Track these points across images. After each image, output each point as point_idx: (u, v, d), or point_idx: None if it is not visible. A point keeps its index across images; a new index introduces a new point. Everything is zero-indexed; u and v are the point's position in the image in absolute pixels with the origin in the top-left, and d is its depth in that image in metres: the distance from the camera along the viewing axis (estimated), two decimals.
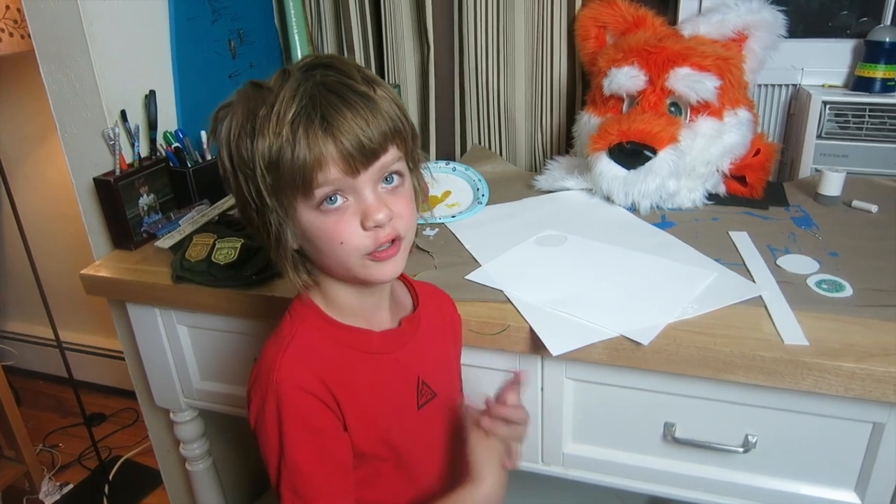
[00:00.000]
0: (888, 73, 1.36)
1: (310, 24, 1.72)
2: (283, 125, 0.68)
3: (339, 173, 0.70)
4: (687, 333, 0.89)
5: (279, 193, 0.72)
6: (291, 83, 0.70)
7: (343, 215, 0.72)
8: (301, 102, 0.69)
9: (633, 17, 1.41)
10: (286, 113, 0.68)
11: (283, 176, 0.70)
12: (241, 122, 0.71)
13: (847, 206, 1.27)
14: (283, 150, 0.68)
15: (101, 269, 1.23)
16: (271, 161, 0.69)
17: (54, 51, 1.27)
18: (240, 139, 0.71)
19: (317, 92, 0.69)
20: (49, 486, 2.20)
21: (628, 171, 1.24)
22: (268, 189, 0.71)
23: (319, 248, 0.75)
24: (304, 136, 0.68)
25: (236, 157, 0.72)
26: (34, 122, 2.34)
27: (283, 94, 0.69)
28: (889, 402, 0.84)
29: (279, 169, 0.69)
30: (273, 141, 0.69)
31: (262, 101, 0.70)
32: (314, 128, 0.68)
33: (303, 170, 0.69)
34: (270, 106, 0.69)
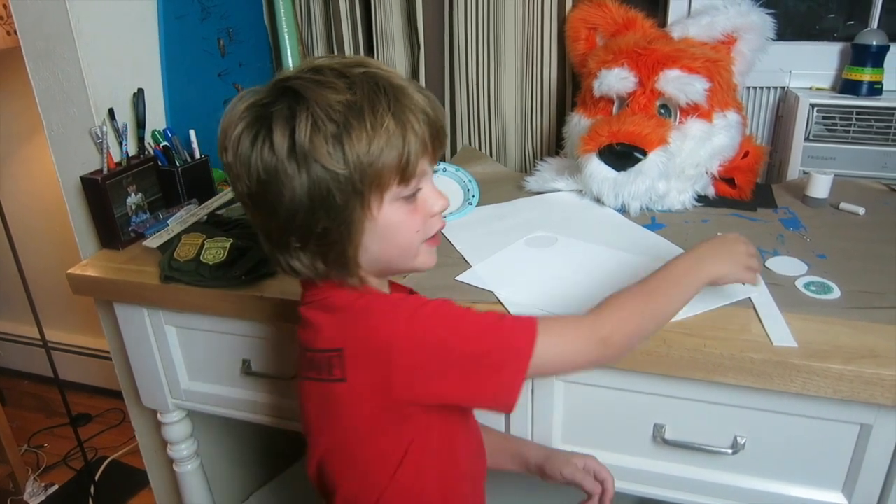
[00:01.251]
0: (875, 77, 1.37)
1: (300, 22, 1.72)
2: (385, 119, 0.69)
3: (426, 162, 0.74)
4: (677, 335, 0.89)
5: (374, 187, 0.71)
6: (363, 81, 0.70)
7: (416, 204, 0.76)
8: (389, 96, 0.70)
9: (623, 18, 1.41)
10: (383, 106, 0.69)
11: (387, 168, 0.70)
12: (317, 118, 0.68)
13: (835, 208, 1.28)
14: (392, 142, 0.69)
15: (88, 269, 1.22)
16: (374, 154, 0.69)
17: (41, 47, 1.26)
18: (316, 135, 0.68)
19: (396, 83, 0.72)
20: (34, 487, 2.18)
21: (618, 173, 1.24)
22: (354, 189, 0.70)
23: (393, 239, 0.75)
24: (401, 131, 0.70)
25: (311, 155, 0.68)
26: (20, 119, 2.32)
27: (365, 89, 0.69)
28: (877, 404, 0.84)
29: (384, 162, 0.69)
30: (375, 135, 0.68)
31: (337, 95, 0.68)
32: (418, 118, 0.71)
33: (402, 163, 0.70)
34: (351, 102, 0.68)
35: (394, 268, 0.80)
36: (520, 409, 1.03)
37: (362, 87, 0.69)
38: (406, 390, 0.74)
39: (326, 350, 0.76)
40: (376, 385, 0.74)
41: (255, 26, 1.70)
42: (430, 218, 0.78)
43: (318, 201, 0.70)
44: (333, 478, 0.83)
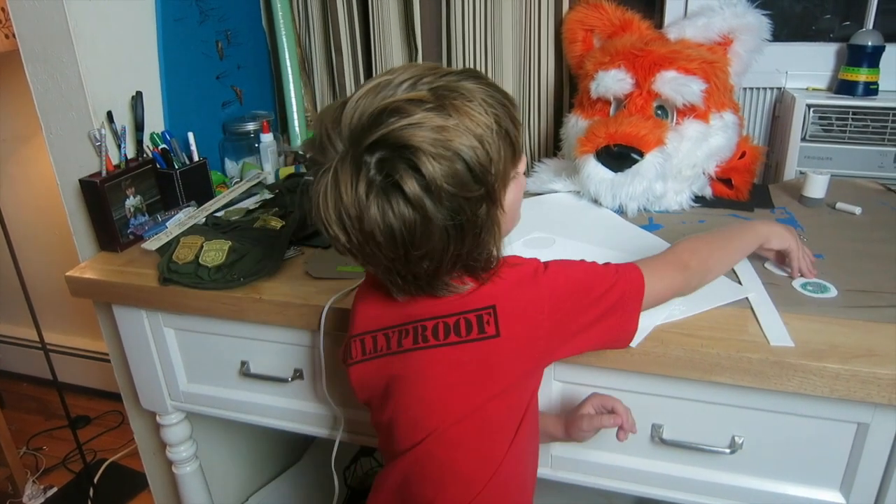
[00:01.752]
0: (871, 77, 1.38)
1: (297, 25, 1.72)
2: (481, 116, 0.71)
3: (519, 131, 0.78)
4: (674, 335, 0.90)
5: (500, 189, 0.75)
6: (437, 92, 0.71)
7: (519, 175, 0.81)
8: (465, 96, 0.72)
9: (619, 20, 1.42)
10: (473, 108, 0.71)
11: (504, 164, 0.74)
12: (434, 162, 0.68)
13: (831, 208, 1.28)
14: (494, 137, 0.72)
15: (86, 271, 1.22)
16: (496, 158, 0.72)
17: (39, 51, 1.26)
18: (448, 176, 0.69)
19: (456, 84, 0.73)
20: (33, 490, 2.18)
21: (615, 174, 1.25)
22: (491, 196, 0.73)
23: (515, 214, 0.83)
24: (496, 110, 0.73)
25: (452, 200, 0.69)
26: (19, 121, 2.32)
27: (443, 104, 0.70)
28: (873, 403, 0.85)
29: (501, 161, 0.73)
30: (486, 137, 0.71)
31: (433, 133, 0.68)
32: (490, 96, 0.74)
33: (512, 141, 0.75)
34: (500, 98, 0.74)
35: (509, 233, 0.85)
36: None
37: (443, 101, 0.70)
38: (556, 339, 0.81)
39: (477, 309, 0.79)
40: (529, 339, 0.80)
41: (253, 29, 1.70)
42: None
43: (464, 227, 0.72)
44: (456, 450, 0.82)
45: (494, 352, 0.78)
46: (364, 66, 1.69)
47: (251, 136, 1.58)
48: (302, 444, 1.95)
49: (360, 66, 1.69)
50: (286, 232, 1.22)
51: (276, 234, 1.22)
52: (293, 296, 1.07)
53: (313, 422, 1.21)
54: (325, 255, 1.19)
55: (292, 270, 1.15)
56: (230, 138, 1.60)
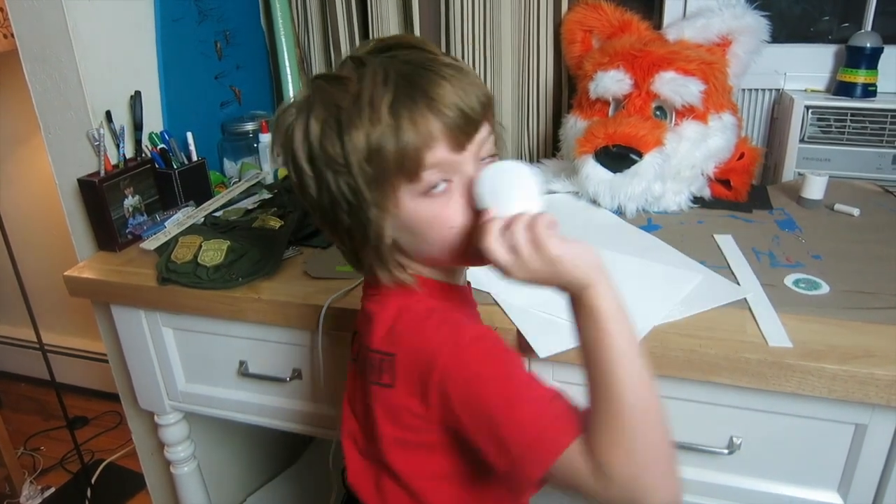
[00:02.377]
0: (869, 78, 1.38)
1: (296, 24, 1.72)
2: (380, 111, 0.65)
3: (447, 151, 0.66)
4: (673, 336, 0.90)
5: (381, 184, 0.67)
6: (374, 67, 0.67)
7: (451, 197, 0.69)
8: (397, 84, 0.66)
9: (618, 21, 1.42)
10: (381, 98, 0.65)
11: (388, 164, 0.66)
12: (324, 118, 0.67)
13: (829, 209, 1.28)
14: (386, 136, 0.65)
15: (85, 271, 1.22)
16: (371, 151, 0.65)
17: (38, 51, 1.26)
18: (325, 137, 0.67)
19: (409, 70, 0.67)
20: (30, 490, 2.18)
21: (614, 175, 1.25)
22: (367, 182, 0.67)
23: (424, 236, 0.71)
24: (409, 117, 0.65)
25: (322, 157, 0.67)
26: (17, 121, 2.32)
27: (369, 81, 0.66)
28: (871, 404, 0.85)
29: (382, 158, 0.65)
30: (371, 130, 0.65)
31: (343, 92, 0.67)
32: (419, 107, 0.65)
33: (411, 153, 0.65)
34: (356, 95, 0.66)
35: (445, 261, 0.74)
36: None
37: (372, 77, 0.66)
38: (438, 410, 0.69)
39: (381, 351, 0.72)
40: (417, 397, 0.69)
41: (251, 29, 1.71)
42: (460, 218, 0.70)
43: (336, 202, 0.69)
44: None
45: (385, 400, 0.73)
46: None
47: (250, 137, 1.58)
48: (300, 444, 1.95)
49: None
50: (285, 232, 1.21)
51: (275, 233, 1.22)
52: (292, 295, 1.07)
53: (311, 422, 1.21)
54: (324, 255, 1.19)
55: (291, 270, 1.15)
56: (229, 138, 1.60)
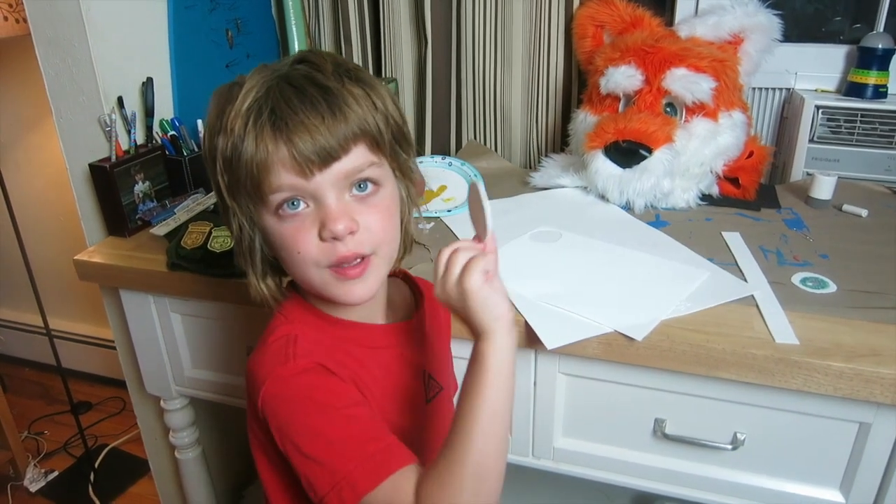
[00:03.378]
0: (880, 80, 1.38)
1: (307, 15, 1.72)
2: (236, 120, 0.64)
3: (292, 177, 0.64)
4: (680, 330, 0.90)
5: (236, 195, 0.67)
6: (258, 76, 0.66)
7: (303, 222, 0.66)
8: (256, 95, 0.64)
9: (630, 17, 1.42)
10: (241, 107, 0.64)
11: (237, 176, 0.65)
12: (213, 117, 0.67)
13: (838, 209, 1.28)
14: (236, 147, 0.64)
15: (95, 255, 1.23)
16: (226, 160, 0.65)
17: (51, 35, 1.27)
18: (210, 136, 0.68)
19: (274, 84, 0.64)
20: (34, 473, 2.19)
21: (623, 170, 1.25)
22: (227, 189, 0.68)
23: (281, 256, 0.70)
24: (252, 133, 0.63)
25: (206, 153, 0.69)
26: (27, 107, 2.32)
27: (245, 87, 0.65)
28: (876, 402, 0.85)
29: (233, 169, 0.65)
30: (228, 138, 0.64)
31: (231, 95, 0.66)
32: (262, 124, 0.63)
33: (252, 171, 0.64)
34: (234, 100, 0.65)
35: (310, 290, 0.72)
36: (522, 402, 1.03)
37: (254, 90, 0.65)
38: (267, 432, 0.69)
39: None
40: (253, 414, 0.71)
41: (262, 18, 1.71)
42: (322, 241, 0.66)
43: (220, 200, 0.71)
44: None
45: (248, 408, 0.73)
46: (373, 57, 1.70)
47: None
48: None
49: (369, 57, 1.69)
50: None
51: None
52: None
53: None
54: None
55: None
56: None
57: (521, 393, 1.03)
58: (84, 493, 2.13)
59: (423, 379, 0.83)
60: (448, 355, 0.94)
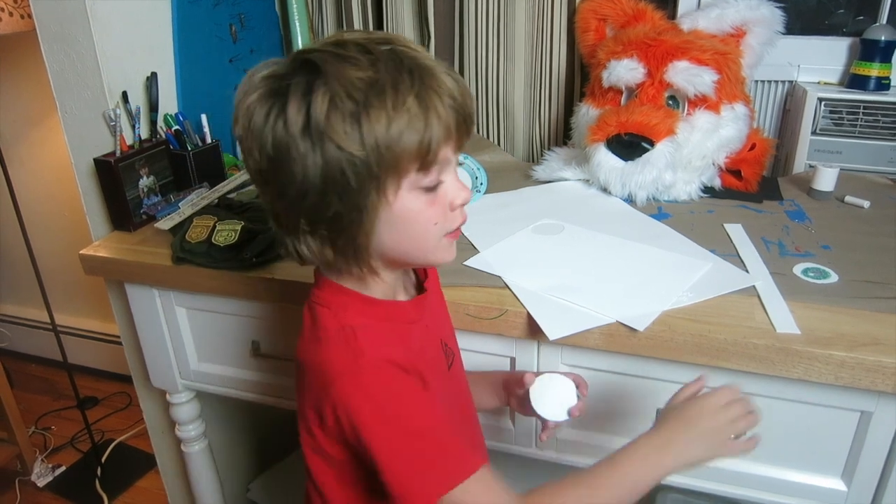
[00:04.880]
0: (883, 72, 1.38)
1: (310, 10, 1.72)
2: (406, 99, 0.64)
3: (449, 149, 0.69)
4: (682, 321, 0.91)
5: (392, 172, 0.66)
6: (386, 55, 0.66)
7: (437, 195, 0.71)
8: (415, 75, 0.65)
9: (632, 10, 1.42)
10: (405, 86, 0.64)
11: (406, 153, 0.65)
12: (334, 94, 0.64)
13: (840, 201, 1.29)
14: (411, 125, 0.64)
15: (100, 250, 1.24)
16: (392, 137, 0.64)
17: (56, 30, 1.27)
18: (333, 114, 0.63)
19: (420, 65, 0.66)
20: (41, 468, 2.21)
21: (626, 163, 1.26)
22: (379, 167, 0.65)
23: (409, 230, 0.71)
24: (436, 111, 0.65)
25: (326, 135, 0.64)
26: (31, 103, 2.33)
27: (385, 66, 0.65)
28: (878, 391, 0.86)
29: (402, 146, 0.65)
30: (394, 116, 0.64)
31: (357, 71, 0.64)
32: (443, 103, 0.66)
33: (432, 146, 0.66)
34: (373, 79, 0.64)
35: (409, 260, 0.76)
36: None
37: (386, 64, 0.65)
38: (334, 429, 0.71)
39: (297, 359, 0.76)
40: (316, 412, 0.73)
41: (266, 13, 1.71)
42: (451, 211, 0.73)
43: (331, 183, 0.65)
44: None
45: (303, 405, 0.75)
46: None
47: None
48: None
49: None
50: None
51: None
52: (305, 276, 1.07)
53: None
54: None
55: None
56: None
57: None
58: (91, 488, 2.15)
59: (442, 347, 0.86)
60: (451, 322, 0.95)
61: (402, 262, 0.77)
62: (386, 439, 0.68)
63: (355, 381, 0.69)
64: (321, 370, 0.71)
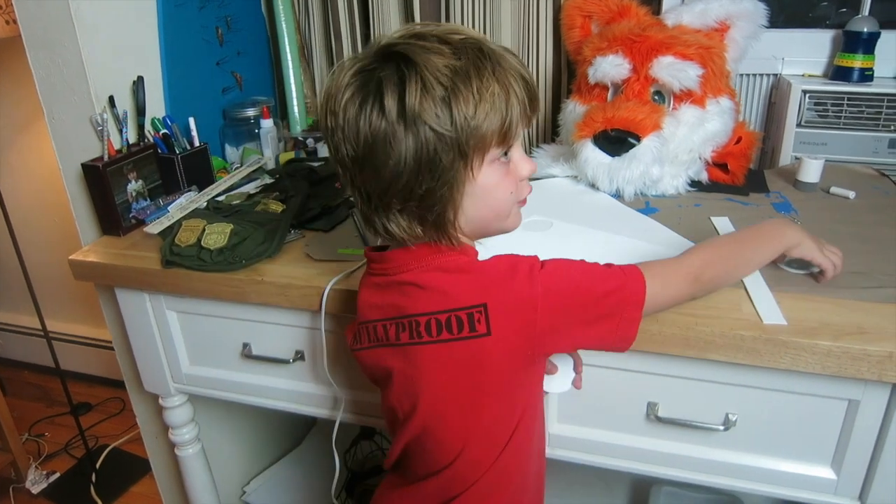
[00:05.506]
0: (866, 63, 1.39)
1: (297, 11, 1.73)
2: (490, 84, 0.72)
3: (525, 124, 0.77)
4: (669, 314, 0.91)
5: (479, 149, 0.74)
6: (465, 47, 0.73)
7: (508, 167, 0.79)
8: (492, 61, 0.73)
9: (617, 6, 1.42)
10: (487, 71, 0.72)
11: (492, 130, 0.73)
12: (425, 82, 0.71)
13: (825, 192, 1.30)
14: (496, 106, 0.73)
15: (89, 255, 1.23)
16: (479, 120, 0.72)
17: (41, 36, 1.27)
18: (426, 99, 0.71)
19: (494, 49, 0.75)
20: (35, 475, 2.20)
21: (613, 158, 1.26)
22: (459, 150, 0.73)
23: (489, 200, 0.79)
24: (515, 92, 0.74)
25: (421, 119, 0.71)
26: (18, 109, 2.33)
27: (468, 54, 0.72)
28: (864, 379, 0.86)
29: (489, 124, 0.73)
30: (481, 98, 0.72)
31: (443, 59, 0.72)
32: (519, 84, 0.74)
33: (514, 123, 0.75)
34: (458, 66, 0.71)
35: (488, 229, 0.84)
36: None
37: (466, 52, 0.72)
38: (548, 339, 0.79)
39: (468, 307, 0.78)
40: (520, 338, 0.79)
41: (252, 15, 1.71)
42: (520, 181, 0.81)
43: (425, 163, 0.73)
44: (449, 444, 0.83)
45: (486, 350, 0.78)
46: None
47: (251, 122, 1.59)
48: (303, 428, 1.97)
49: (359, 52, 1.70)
50: (287, 215, 1.23)
51: (277, 217, 1.23)
52: (294, 277, 1.09)
53: (314, 403, 1.23)
54: (327, 238, 1.20)
55: (293, 253, 1.17)
56: (230, 124, 1.61)
57: None
58: (86, 494, 2.14)
59: None
60: None
61: (480, 232, 0.84)
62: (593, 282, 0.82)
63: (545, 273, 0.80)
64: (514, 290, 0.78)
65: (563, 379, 0.95)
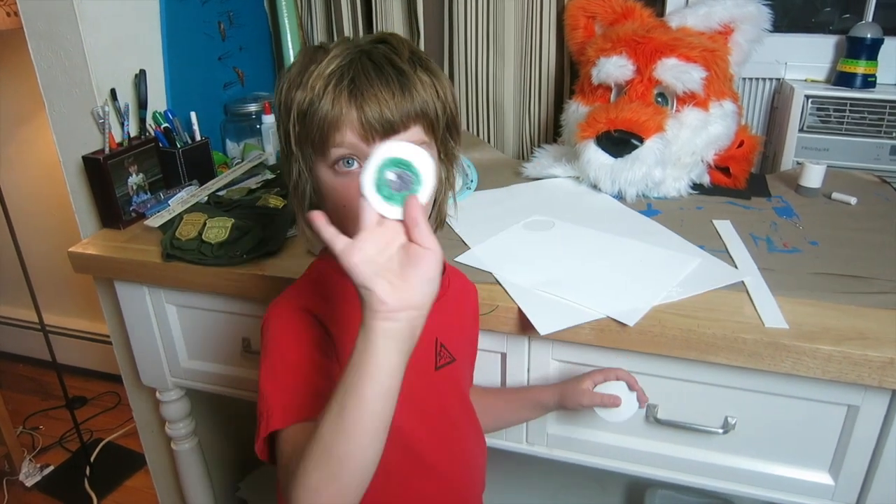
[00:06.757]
0: (869, 69, 1.39)
1: (299, 7, 1.72)
2: (318, 80, 0.73)
3: (355, 138, 0.72)
4: (671, 316, 0.91)
5: (303, 145, 0.76)
6: (343, 46, 0.75)
7: (353, 180, 0.72)
8: (340, 63, 0.73)
9: (621, 7, 1.42)
10: (324, 70, 0.73)
11: (308, 128, 0.74)
12: (294, 73, 0.76)
13: (827, 197, 1.30)
14: (313, 103, 0.73)
15: (89, 247, 1.23)
16: (300, 111, 0.74)
17: (43, 28, 1.27)
18: (288, 88, 0.76)
19: (356, 57, 0.73)
20: (29, 468, 2.20)
21: (615, 159, 1.26)
22: (295, 138, 0.76)
23: (326, 206, 0.78)
24: (331, 94, 0.72)
25: (281, 105, 0.77)
26: (19, 102, 2.32)
27: (331, 54, 0.74)
28: (864, 385, 0.86)
29: (306, 121, 0.74)
30: (307, 93, 0.73)
31: (315, 57, 0.75)
32: (341, 89, 0.72)
33: (322, 126, 0.72)
34: (318, 62, 0.74)
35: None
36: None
37: (346, 56, 0.74)
38: None
39: None
40: None
41: (255, 10, 1.71)
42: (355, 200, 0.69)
43: (282, 142, 0.79)
44: None
45: None
46: None
47: (253, 118, 1.59)
48: None
49: None
50: (288, 210, 1.22)
51: (278, 212, 1.23)
52: (295, 273, 1.08)
53: None
54: None
55: (294, 248, 1.16)
56: (232, 119, 1.60)
57: (515, 380, 1.04)
58: (80, 488, 2.14)
59: (435, 347, 0.87)
60: (469, 333, 0.96)
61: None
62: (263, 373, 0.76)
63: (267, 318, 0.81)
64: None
65: (628, 406, 0.95)
